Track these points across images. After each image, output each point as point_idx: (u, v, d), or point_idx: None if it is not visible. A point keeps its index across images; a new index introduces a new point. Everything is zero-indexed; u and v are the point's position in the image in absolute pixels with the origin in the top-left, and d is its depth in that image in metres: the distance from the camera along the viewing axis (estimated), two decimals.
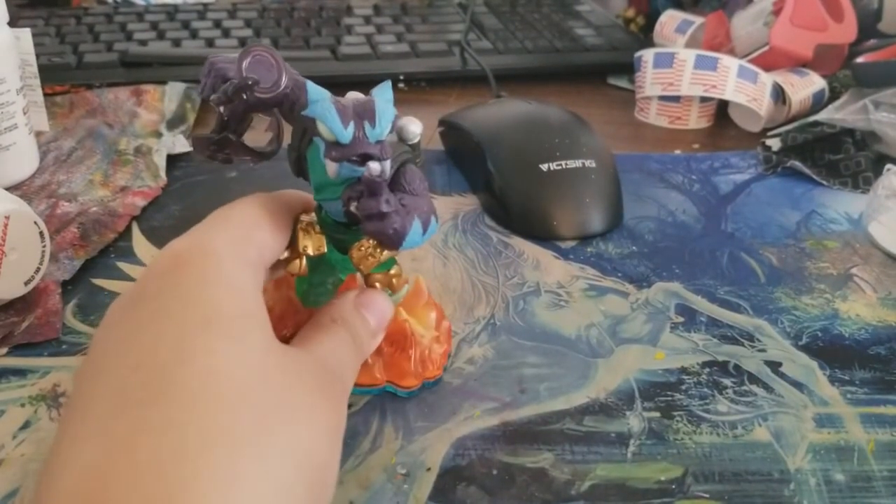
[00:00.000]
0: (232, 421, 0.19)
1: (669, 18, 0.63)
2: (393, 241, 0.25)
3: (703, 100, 0.54)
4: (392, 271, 0.29)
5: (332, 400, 0.23)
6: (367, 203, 0.25)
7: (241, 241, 0.24)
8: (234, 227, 0.24)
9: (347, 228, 0.27)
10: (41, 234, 0.34)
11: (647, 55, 0.55)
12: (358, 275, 0.29)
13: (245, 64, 0.25)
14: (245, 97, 0.25)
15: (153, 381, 0.19)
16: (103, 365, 0.21)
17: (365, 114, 0.24)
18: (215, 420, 0.19)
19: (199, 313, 0.21)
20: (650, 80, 0.54)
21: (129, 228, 0.41)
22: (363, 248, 0.27)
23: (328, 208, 0.27)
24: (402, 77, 0.61)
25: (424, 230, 0.26)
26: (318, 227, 0.28)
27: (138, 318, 0.21)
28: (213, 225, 0.24)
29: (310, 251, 0.27)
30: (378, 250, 0.27)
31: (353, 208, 0.25)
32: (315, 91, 0.25)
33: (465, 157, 0.48)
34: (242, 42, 0.62)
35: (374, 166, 0.24)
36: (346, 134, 0.24)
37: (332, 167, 0.25)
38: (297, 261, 0.28)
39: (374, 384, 0.30)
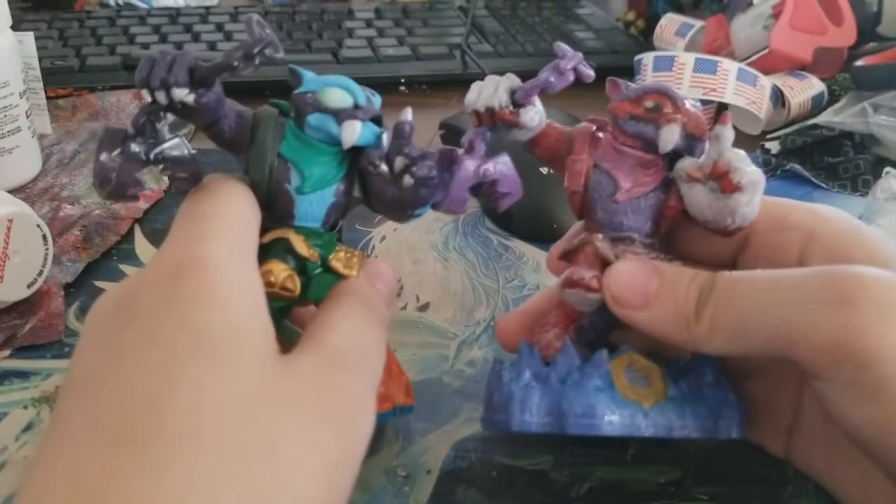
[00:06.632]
0: (214, 467, 0.18)
1: (669, 22, 0.63)
2: (416, 204, 0.25)
3: (703, 103, 0.54)
4: (342, 254, 0.27)
5: (340, 422, 0.21)
6: (425, 169, 0.25)
7: (239, 241, 0.22)
8: (229, 226, 0.23)
9: (320, 236, 0.26)
10: (44, 236, 0.35)
11: (647, 58, 0.55)
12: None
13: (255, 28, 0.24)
14: (258, 61, 0.24)
15: (134, 418, 0.18)
16: (84, 387, 0.19)
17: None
18: (196, 466, 0.17)
19: (189, 340, 0.19)
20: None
21: (131, 231, 0.41)
22: (342, 254, 0.26)
23: (306, 210, 0.25)
24: (403, 80, 0.61)
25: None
26: (275, 276, 0.24)
27: (126, 338, 0.20)
28: (205, 226, 0.22)
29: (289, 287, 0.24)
30: (354, 251, 0.26)
31: (398, 166, 0.25)
32: (304, 71, 0.25)
33: None
34: None
35: (407, 115, 0.25)
36: (363, 95, 0.24)
37: (351, 131, 0.24)
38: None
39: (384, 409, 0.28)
